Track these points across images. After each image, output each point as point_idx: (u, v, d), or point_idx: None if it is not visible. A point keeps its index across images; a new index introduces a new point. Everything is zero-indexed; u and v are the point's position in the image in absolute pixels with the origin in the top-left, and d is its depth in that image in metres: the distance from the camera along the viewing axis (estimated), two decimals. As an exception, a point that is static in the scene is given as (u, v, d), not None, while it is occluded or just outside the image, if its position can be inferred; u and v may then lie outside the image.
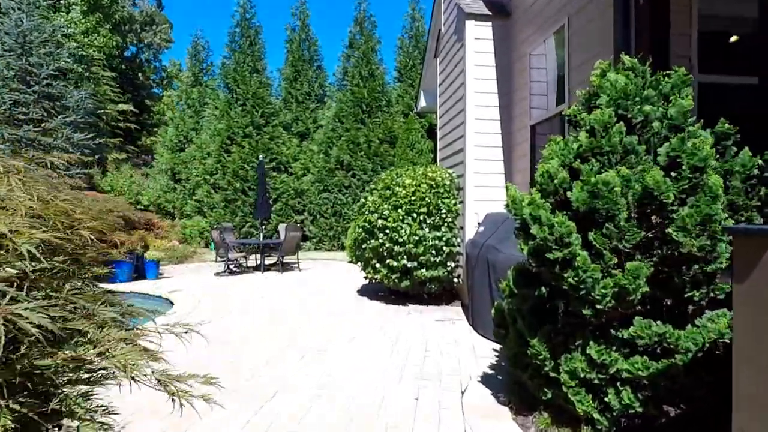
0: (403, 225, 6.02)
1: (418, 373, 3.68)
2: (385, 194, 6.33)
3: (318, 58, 18.22)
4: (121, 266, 8.30)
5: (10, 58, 9.98)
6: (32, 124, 10.08)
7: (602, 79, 2.69)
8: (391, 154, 15.13)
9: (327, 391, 3.26)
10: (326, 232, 15.01)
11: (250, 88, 15.73)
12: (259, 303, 6.52)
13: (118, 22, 27.67)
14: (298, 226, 10.11)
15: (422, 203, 6.06)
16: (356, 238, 6.65)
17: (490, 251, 4.66)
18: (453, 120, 6.93)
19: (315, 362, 3.93)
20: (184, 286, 7.89)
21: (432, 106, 10.37)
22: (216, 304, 6.43)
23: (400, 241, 5.98)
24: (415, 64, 17.92)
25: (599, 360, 2.30)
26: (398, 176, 6.46)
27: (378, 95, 15.83)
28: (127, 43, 31.19)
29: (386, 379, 3.51)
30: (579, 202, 2.32)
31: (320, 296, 7.07)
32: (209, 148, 15.62)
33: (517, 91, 6.08)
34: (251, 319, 5.53)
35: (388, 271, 6.18)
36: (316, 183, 15.26)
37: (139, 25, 33.69)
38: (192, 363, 2.69)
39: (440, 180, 6.26)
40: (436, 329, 5.10)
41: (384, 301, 6.67)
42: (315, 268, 10.82)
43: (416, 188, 6.13)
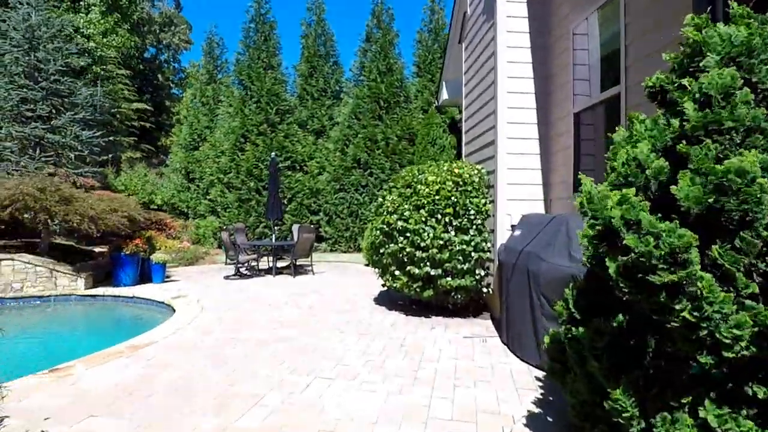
0: (425, 227, 5.34)
1: (449, 411, 3.00)
2: (406, 193, 5.66)
3: (334, 53, 17.68)
4: (125, 269, 7.84)
5: (18, 54, 9.66)
6: (40, 121, 9.74)
7: (705, 34, 1.97)
8: (410, 152, 14.44)
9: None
10: (342, 233, 14.41)
11: (265, 85, 15.25)
12: (265, 313, 5.93)
13: (136, 23, 27.70)
14: (312, 227, 9.51)
15: (448, 203, 5.37)
16: (373, 241, 6.00)
17: (530, 260, 3.94)
18: (481, 110, 6.21)
19: (322, 392, 3.29)
20: (189, 291, 7.37)
21: (455, 99, 9.67)
22: (218, 312, 5.86)
23: (423, 245, 5.30)
24: (435, 58, 17.19)
25: (721, 429, 1.59)
26: (420, 173, 5.79)
27: (396, 90, 15.16)
28: (146, 44, 31.32)
29: (410, 423, 2.85)
30: (690, 201, 1.61)
31: (333, 305, 6.45)
32: (223, 146, 15.21)
33: (556, 74, 5.34)
34: (251, 334, 4.92)
35: (408, 280, 5.51)
36: (332, 182, 14.67)
37: (158, 26, 33.86)
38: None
39: (468, 177, 5.55)
40: (466, 349, 4.41)
41: (404, 311, 6.00)
42: (330, 271, 10.22)
43: (441, 186, 5.45)
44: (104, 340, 5.41)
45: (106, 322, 6.62)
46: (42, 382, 3.44)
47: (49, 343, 5.34)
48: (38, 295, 7.26)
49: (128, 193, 14.83)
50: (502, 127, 5.44)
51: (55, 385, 3.37)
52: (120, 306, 7.22)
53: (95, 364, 3.86)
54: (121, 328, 6.18)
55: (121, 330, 6.06)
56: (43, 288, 7.36)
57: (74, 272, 7.47)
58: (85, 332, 5.88)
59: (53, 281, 7.40)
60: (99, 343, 5.23)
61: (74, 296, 7.41)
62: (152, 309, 6.90)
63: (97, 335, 5.75)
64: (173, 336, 4.70)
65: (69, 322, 6.51)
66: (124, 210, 8.00)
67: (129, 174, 15.82)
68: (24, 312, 6.85)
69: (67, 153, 9.92)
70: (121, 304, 7.27)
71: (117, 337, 5.34)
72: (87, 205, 7.30)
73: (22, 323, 6.45)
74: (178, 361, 3.94)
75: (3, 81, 9.48)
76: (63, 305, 7.19)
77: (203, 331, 4.94)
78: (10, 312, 6.83)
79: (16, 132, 9.39)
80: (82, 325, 6.32)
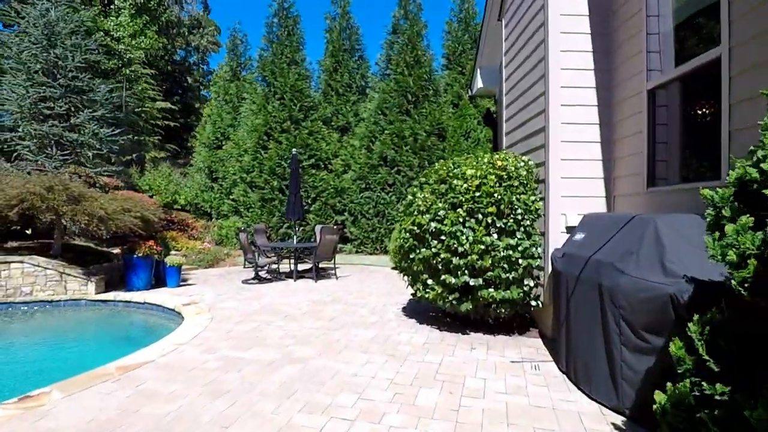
0: (463, 229, 4.55)
1: (507, 479, 2.22)
2: (440, 190, 4.89)
3: (360, 47, 17.04)
4: (138, 273, 7.37)
5: (36, 51, 9.40)
6: (58, 119, 9.45)
7: None
8: (439, 148, 13.62)
9: None
10: (368, 234, 13.71)
11: (288, 81, 14.73)
12: (280, 326, 5.27)
13: (165, 25, 27.93)
14: (335, 228, 8.85)
15: (490, 200, 4.57)
16: (401, 245, 5.25)
17: (603, 271, 3.11)
18: (527, 93, 5.37)
19: (340, 442, 2.57)
20: (202, 297, 6.82)
21: (490, 87, 8.82)
22: (229, 323, 5.25)
23: (461, 251, 4.52)
24: (465, 49, 16.29)
25: None
26: (456, 166, 5.00)
27: (424, 84, 14.35)
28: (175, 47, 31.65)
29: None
30: None
31: (356, 316, 5.74)
32: (246, 144, 14.79)
33: (622, 46, 4.45)
34: (261, 354, 4.26)
35: (443, 290, 4.73)
36: (358, 180, 14.00)
37: (187, 28, 34.23)
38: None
39: (513, 170, 4.73)
40: (516, 379, 3.60)
41: (437, 326, 5.23)
42: (354, 275, 9.53)
43: (482, 181, 4.64)
44: (105, 352, 4.88)
45: (111, 330, 6.13)
46: (4, 415, 2.86)
47: (45, 355, 4.84)
48: (48, 299, 6.87)
49: (152, 194, 14.63)
50: (555, 111, 4.59)
51: (17, 422, 2.78)
52: (129, 312, 6.74)
53: (76, 389, 3.27)
54: (126, 339, 5.66)
55: (124, 341, 5.54)
56: (52, 292, 6.96)
57: (84, 276, 7.04)
58: (88, 342, 5.39)
59: (63, 285, 6.99)
60: (97, 356, 4.69)
61: (84, 301, 6.98)
62: (161, 316, 6.38)
63: (99, 346, 5.24)
64: (172, 354, 4.09)
65: (73, 330, 6.05)
66: (137, 210, 7.54)
67: (153, 174, 15.61)
68: (30, 318, 6.45)
69: (85, 152, 9.59)
70: (132, 311, 6.79)
71: (119, 349, 4.81)
72: (96, 205, 6.85)
73: (24, 330, 6.03)
74: (169, 389, 3.30)
75: (21, 78, 9.23)
76: (71, 311, 6.77)
77: (207, 348, 4.31)
78: (16, 317, 6.44)
79: (33, 130, 9.12)
80: (86, 333, 5.85)
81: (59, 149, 9.35)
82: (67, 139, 9.43)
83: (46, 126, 9.12)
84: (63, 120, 9.56)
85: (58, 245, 7.66)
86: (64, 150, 9.34)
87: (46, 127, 9.10)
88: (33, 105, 9.20)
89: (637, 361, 2.83)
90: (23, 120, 9.35)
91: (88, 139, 9.60)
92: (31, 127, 9.14)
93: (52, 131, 9.17)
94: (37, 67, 9.46)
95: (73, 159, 9.74)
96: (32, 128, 9.13)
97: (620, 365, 2.92)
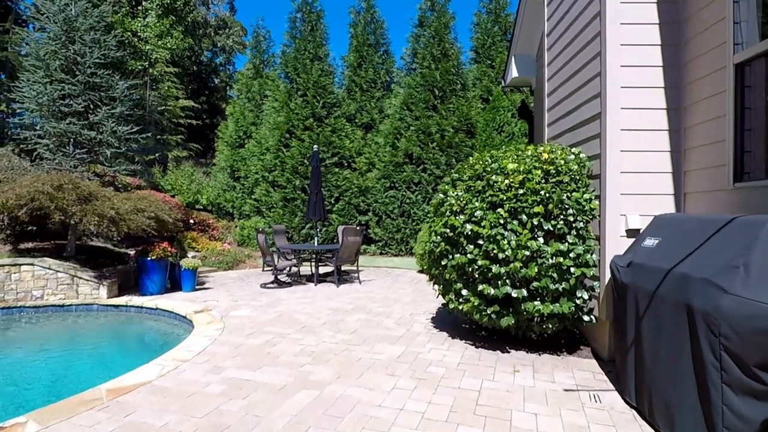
0: (505, 232, 3.93)
1: None
2: (476, 187, 4.27)
3: (385, 41, 16.48)
4: (151, 276, 7.02)
5: (55, 46, 9.24)
6: (76, 116, 9.26)
7: None
8: (468, 145, 12.95)
9: None
10: (393, 235, 13.14)
11: (311, 77, 14.32)
12: (297, 339, 4.76)
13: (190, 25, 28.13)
14: (358, 229, 8.32)
15: (535, 199, 3.93)
16: (432, 249, 4.66)
17: (694, 289, 2.44)
18: (576, 76, 4.69)
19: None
20: (217, 303, 6.41)
21: (527, 77, 8.11)
22: (240, 335, 4.77)
23: (501, 257, 3.90)
24: (495, 41, 15.56)
25: None
26: (494, 160, 4.38)
27: (452, 78, 13.69)
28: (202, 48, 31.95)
29: None
30: None
31: (381, 328, 5.18)
32: (268, 142, 14.46)
33: (699, 13, 3.73)
34: (271, 376, 3.75)
35: (480, 302, 4.12)
36: (382, 179, 13.45)
37: (213, 29, 34.55)
38: None
39: (563, 163, 4.07)
40: (574, 415, 2.97)
41: (472, 341, 4.62)
42: (378, 279, 8.98)
43: (525, 176, 4.01)
44: (105, 367, 4.48)
45: (118, 340, 5.77)
46: (-34, 454, 2.43)
47: (41, 370, 4.48)
48: (58, 303, 6.58)
49: (174, 193, 14.47)
50: (613, 95, 3.92)
51: (-23, 463, 2.34)
52: (141, 319, 6.38)
53: (55, 419, 2.82)
54: (131, 351, 5.28)
55: (129, 353, 5.15)
56: (64, 296, 6.68)
57: (96, 279, 6.73)
58: (90, 354, 5.01)
59: (74, 289, 6.70)
60: (95, 372, 4.30)
61: (96, 306, 6.67)
62: (172, 324, 5.99)
63: (100, 359, 4.85)
64: (172, 374, 3.63)
65: (78, 339, 5.72)
66: (151, 210, 7.19)
67: (175, 173, 15.47)
68: (36, 324, 6.16)
69: (103, 150, 9.37)
70: (143, 317, 6.43)
71: (122, 362, 4.43)
72: (108, 205, 6.52)
73: (27, 338, 5.73)
74: (161, 422, 2.82)
75: (39, 76, 9.08)
76: (81, 316, 6.46)
77: (212, 366, 3.83)
78: (21, 324, 6.17)
79: (52, 128, 8.94)
80: (91, 343, 5.49)
81: (77, 147, 9.14)
82: (85, 137, 9.22)
83: (63, 124, 8.92)
84: (81, 117, 9.36)
85: (71, 246, 7.40)
86: (82, 148, 9.13)
87: (63, 125, 8.90)
88: (51, 102, 9.02)
89: (747, 407, 2.17)
90: (42, 118, 9.19)
91: (106, 137, 9.37)
92: (50, 125, 8.96)
93: (70, 129, 8.97)
94: (56, 64, 9.29)
95: (92, 158, 9.53)
96: (50, 126, 8.95)
97: (721, 410, 2.26)
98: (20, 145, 10.45)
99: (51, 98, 8.94)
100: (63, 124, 9.01)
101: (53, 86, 8.99)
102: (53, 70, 9.14)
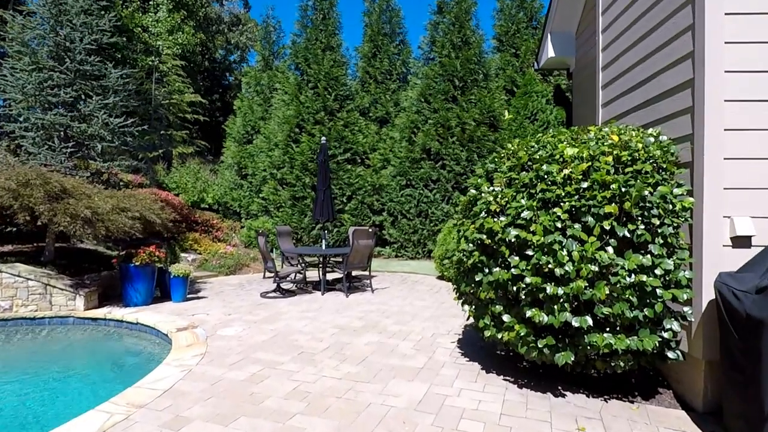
0: (564, 240, 2.92)
1: None
2: (521, 179, 3.27)
3: (401, 30, 15.55)
4: (135, 285, 6.18)
5: (42, 31, 8.50)
6: (64, 107, 8.51)
7: None
8: (490, 140, 11.89)
9: None
10: (409, 237, 12.16)
11: (323, 68, 13.42)
12: (291, 373, 3.83)
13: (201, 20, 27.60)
14: (371, 231, 7.36)
15: (605, 195, 2.91)
16: (461, 259, 3.67)
17: None
18: (652, 35, 3.64)
19: None
20: (207, 318, 5.53)
21: (565, 57, 7.05)
22: (221, 366, 3.86)
23: (559, 273, 2.89)
24: (520, 29, 14.46)
25: None
26: (542, 145, 3.37)
27: (474, 67, 12.63)
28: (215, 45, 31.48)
29: None
30: None
31: (396, 355, 4.22)
32: (276, 138, 13.61)
33: None
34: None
35: (528, 332, 3.11)
36: (398, 177, 12.48)
37: (227, 25, 34.11)
38: None
39: (640, 147, 3.04)
40: None
41: (512, 375, 3.62)
42: (393, 287, 8.01)
43: (591, 164, 2.99)
44: (54, 404, 3.61)
45: (85, 363, 4.89)
46: None
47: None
48: (29, 316, 5.78)
49: (178, 192, 13.74)
50: (713, 51, 2.87)
51: None
52: (118, 335, 5.53)
53: None
54: (94, 380, 4.38)
55: (93, 383, 4.27)
56: (36, 307, 5.87)
57: (72, 288, 5.91)
58: (46, 382, 4.15)
59: (48, 299, 5.90)
60: (35, 414, 3.42)
61: (72, 319, 5.85)
62: (152, 343, 5.12)
63: (55, 392, 3.98)
64: (118, 429, 2.72)
65: (39, 361, 4.86)
66: (136, 210, 6.35)
67: (180, 171, 14.74)
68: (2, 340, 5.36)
69: (94, 144, 8.60)
70: (123, 333, 5.58)
71: (78, 398, 3.55)
72: (83, 204, 5.69)
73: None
74: None
75: (24, 62, 8.35)
76: (52, 332, 5.64)
77: (172, 417, 2.90)
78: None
79: (38, 120, 8.18)
80: (52, 367, 4.63)
81: (65, 141, 8.39)
82: (75, 130, 8.46)
83: (50, 115, 8.16)
84: (71, 108, 8.61)
85: (50, 250, 6.62)
86: (69, 142, 8.37)
87: (50, 116, 8.15)
88: (38, 92, 8.27)
89: None
90: (27, 109, 8.46)
91: (98, 129, 8.59)
92: (35, 116, 8.21)
93: (58, 121, 8.21)
94: (44, 51, 8.55)
95: (83, 153, 8.78)
96: (35, 117, 8.20)
97: None
98: (15, 140, 9.80)
99: (36, 87, 8.19)
100: (50, 115, 8.26)
101: (40, 74, 8.24)
102: (39, 57, 8.39)
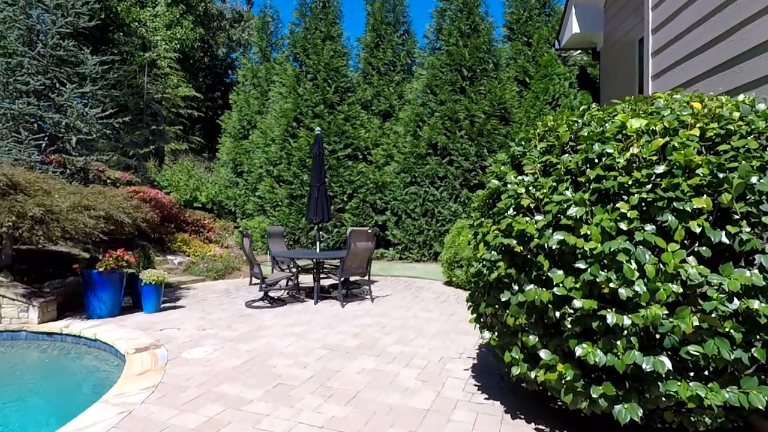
0: (630, 248, 2.06)
1: None
2: (563, 164, 2.41)
3: (405, 20, 14.72)
4: (98, 294, 5.39)
5: (11, 12, 7.75)
6: (35, 96, 7.75)
7: None
8: (501, 133, 11.03)
9: None
10: (414, 238, 11.30)
11: (322, 58, 12.61)
12: (254, 418, 3.00)
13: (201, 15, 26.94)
14: (370, 233, 6.52)
15: (692, 184, 2.04)
16: (479, 271, 2.82)
17: None
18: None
19: None
20: (177, 332, 4.73)
21: (592, 32, 6.19)
22: (172, 406, 3.05)
23: (625, 295, 2.02)
24: (532, 15, 13.57)
25: None
26: (590, 119, 2.51)
27: (483, 56, 11.77)
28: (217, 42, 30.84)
29: None
30: None
31: (394, 390, 3.38)
32: (273, 132, 12.81)
33: None
34: None
35: (576, 375, 2.26)
36: (402, 174, 11.64)
37: (228, 22, 33.49)
38: None
39: (737, 117, 2.18)
40: None
41: (546, 424, 2.76)
42: (395, 294, 7.17)
43: (667, 141, 2.13)
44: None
45: (15, 396, 4.04)
46: None
47: None
48: (-26, 330, 5.01)
49: (169, 190, 12.97)
50: None
51: None
52: (73, 355, 4.73)
53: None
54: (30, 410, 3.57)
55: (27, 414, 3.45)
56: (-19, 320, 5.10)
57: (24, 299, 5.12)
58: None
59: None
60: None
61: (24, 333, 5.07)
62: (109, 364, 4.31)
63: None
64: None
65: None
66: (102, 208, 5.55)
67: (173, 168, 13.98)
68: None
69: (69, 136, 7.84)
70: (80, 350, 4.79)
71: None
72: (34, 201, 4.90)
73: None
74: None
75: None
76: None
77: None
78: None
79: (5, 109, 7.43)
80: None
81: (34, 134, 7.62)
82: (48, 121, 7.70)
83: (18, 103, 7.40)
84: (43, 98, 7.85)
85: (6, 253, 5.84)
86: (38, 134, 7.60)
87: (18, 105, 7.39)
88: (6, 79, 7.52)
89: None
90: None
91: (73, 120, 7.82)
92: (1, 106, 7.46)
93: (28, 111, 7.45)
94: (13, 35, 7.79)
95: (58, 146, 8.01)
96: (2, 107, 7.45)
97: None
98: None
99: (3, 74, 7.43)
100: (18, 104, 7.49)
101: (5, 59, 7.48)
102: (6, 40, 7.63)
